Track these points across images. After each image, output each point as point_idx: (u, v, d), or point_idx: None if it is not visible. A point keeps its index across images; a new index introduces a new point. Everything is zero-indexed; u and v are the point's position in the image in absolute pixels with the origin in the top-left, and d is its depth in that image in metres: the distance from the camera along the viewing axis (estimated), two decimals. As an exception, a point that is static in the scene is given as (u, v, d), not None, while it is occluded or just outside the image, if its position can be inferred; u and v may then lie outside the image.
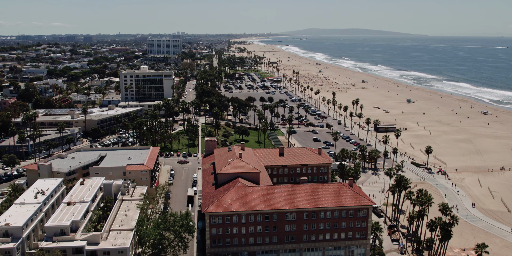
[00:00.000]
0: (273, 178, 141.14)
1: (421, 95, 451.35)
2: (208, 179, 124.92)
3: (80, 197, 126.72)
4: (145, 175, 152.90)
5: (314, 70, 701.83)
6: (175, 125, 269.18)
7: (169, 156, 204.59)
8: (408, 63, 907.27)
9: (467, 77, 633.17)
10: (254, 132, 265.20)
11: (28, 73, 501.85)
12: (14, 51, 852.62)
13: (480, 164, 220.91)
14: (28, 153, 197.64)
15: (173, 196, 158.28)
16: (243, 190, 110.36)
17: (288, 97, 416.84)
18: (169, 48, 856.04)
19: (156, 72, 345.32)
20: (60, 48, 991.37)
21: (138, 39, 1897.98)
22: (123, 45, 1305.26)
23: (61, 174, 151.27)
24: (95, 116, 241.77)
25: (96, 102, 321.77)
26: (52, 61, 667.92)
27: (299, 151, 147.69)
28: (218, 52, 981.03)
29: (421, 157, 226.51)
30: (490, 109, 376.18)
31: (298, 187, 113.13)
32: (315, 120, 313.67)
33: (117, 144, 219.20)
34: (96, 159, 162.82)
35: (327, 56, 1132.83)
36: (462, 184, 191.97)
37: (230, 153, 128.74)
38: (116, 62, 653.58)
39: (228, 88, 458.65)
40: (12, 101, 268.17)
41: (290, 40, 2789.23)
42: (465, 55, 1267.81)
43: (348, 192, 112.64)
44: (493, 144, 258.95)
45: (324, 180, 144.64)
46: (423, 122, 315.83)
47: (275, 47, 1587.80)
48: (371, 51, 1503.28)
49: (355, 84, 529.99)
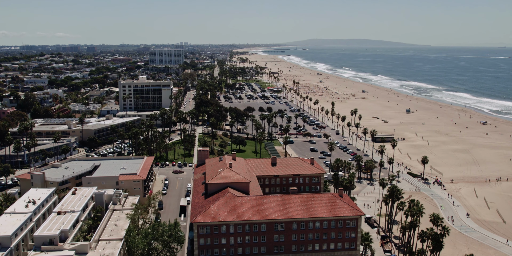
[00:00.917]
0: (265, 188, 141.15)
1: (421, 105, 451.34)
2: (198, 189, 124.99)
3: (71, 206, 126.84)
4: (137, 184, 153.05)
5: (315, 80, 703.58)
6: (173, 135, 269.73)
7: (164, 166, 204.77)
8: (409, 73, 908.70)
9: (468, 87, 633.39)
10: (252, 142, 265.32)
11: (29, 83, 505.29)
12: (17, 61, 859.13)
13: (477, 175, 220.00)
14: (24, 162, 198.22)
15: (166, 206, 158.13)
16: (232, 200, 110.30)
17: (288, 107, 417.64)
18: (171, 58, 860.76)
19: (154, 82, 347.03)
20: (63, 58, 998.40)
21: (141, 49, 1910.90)
22: (125, 55, 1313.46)
23: (54, 184, 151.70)
24: (92, 126, 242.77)
25: (95, 112, 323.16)
26: (54, 71, 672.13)
27: (291, 161, 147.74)
28: (220, 62, 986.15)
29: (418, 167, 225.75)
30: (489, 119, 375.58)
31: (287, 197, 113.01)
32: (313, 130, 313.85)
33: (113, 153, 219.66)
34: (90, 169, 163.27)
35: (328, 66, 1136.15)
36: (458, 195, 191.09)
37: (221, 163, 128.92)
38: (117, 72, 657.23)
39: (228, 98, 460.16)
40: (10, 111, 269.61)
41: (293, 50, 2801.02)
42: (467, 65, 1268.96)
43: (338, 203, 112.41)
44: (491, 154, 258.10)
45: (316, 190, 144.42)
46: (422, 132, 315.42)
47: (277, 57, 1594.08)
48: (372, 61, 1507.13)
49: (355, 94, 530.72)
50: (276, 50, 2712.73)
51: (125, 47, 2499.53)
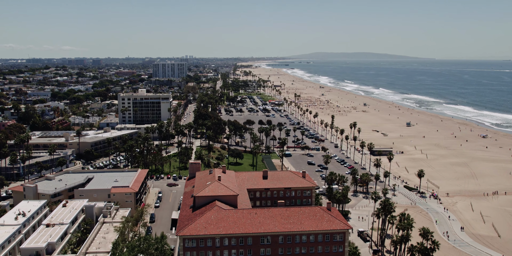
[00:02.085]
0: (256, 202, 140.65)
1: (422, 119, 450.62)
2: (187, 202, 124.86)
3: (60, 219, 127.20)
4: (129, 197, 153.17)
5: (317, 93, 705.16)
6: (171, 147, 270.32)
7: (159, 179, 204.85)
8: (411, 86, 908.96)
9: (469, 100, 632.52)
10: (249, 155, 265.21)
11: (32, 95, 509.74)
12: (21, 74, 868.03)
13: (474, 188, 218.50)
14: (20, 175, 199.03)
15: (158, 219, 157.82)
16: (218, 213, 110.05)
17: (288, 120, 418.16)
18: (174, 72, 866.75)
19: (153, 95, 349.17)
20: (67, 71, 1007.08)
21: (146, 63, 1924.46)
22: (130, 68, 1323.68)
23: (46, 196, 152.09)
24: (89, 138, 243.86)
25: (95, 125, 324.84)
26: (58, 84, 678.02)
27: (282, 174, 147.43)
28: (223, 76, 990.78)
29: (415, 181, 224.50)
30: (490, 132, 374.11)
31: (274, 211, 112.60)
32: (312, 143, 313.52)
33: (109, 166, 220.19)
34: (83, 181, 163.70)
35: (331, 80, 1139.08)
36: (453, 209, 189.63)
37: (210, 176, 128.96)
38: (120, 85, 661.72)
39: (228, 111, 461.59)
40: (10, 123, 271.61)
41: (297, 63, 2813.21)
42: (470, 78, 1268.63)
43: (325, 216, 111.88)
44: (489, 167, 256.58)
45: (308, 203, 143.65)
46: (421, 146, 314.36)
47: (280, 71, 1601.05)
48: (376, 74, 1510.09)
49: (357, 107, 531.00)
50: (280, 63, 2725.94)
51: (130, 60, 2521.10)
